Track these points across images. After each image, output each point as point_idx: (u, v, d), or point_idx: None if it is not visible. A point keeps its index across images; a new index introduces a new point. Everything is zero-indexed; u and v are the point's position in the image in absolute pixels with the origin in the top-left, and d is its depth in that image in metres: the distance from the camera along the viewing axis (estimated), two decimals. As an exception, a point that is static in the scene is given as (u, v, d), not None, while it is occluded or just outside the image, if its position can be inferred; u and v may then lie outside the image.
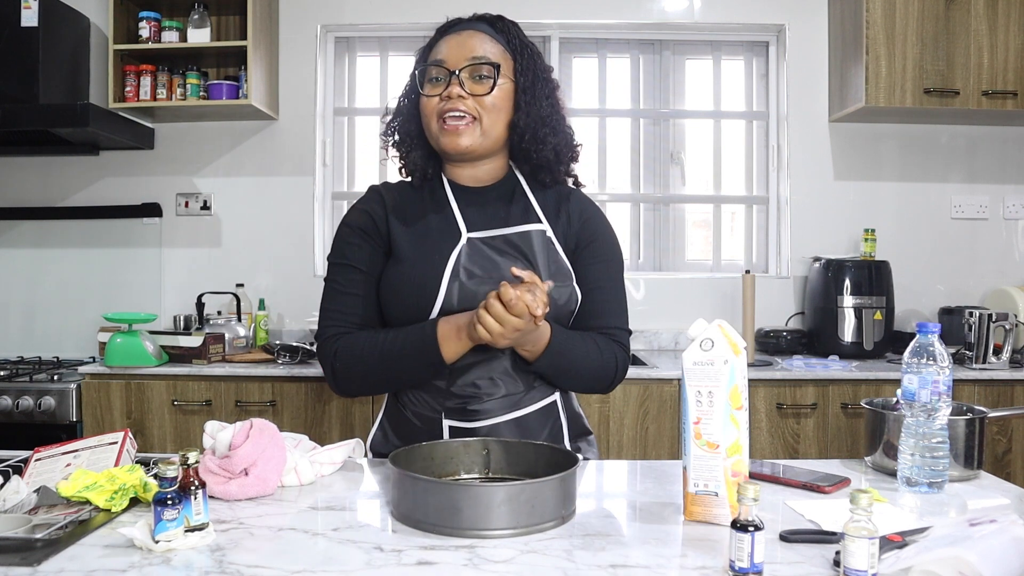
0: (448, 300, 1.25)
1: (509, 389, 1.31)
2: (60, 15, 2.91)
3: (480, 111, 1.29)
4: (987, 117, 3.02)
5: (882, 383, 2.52)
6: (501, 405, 1.30)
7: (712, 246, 3.33)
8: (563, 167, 1.40)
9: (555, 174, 1.39)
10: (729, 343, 1.04)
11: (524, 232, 1.32)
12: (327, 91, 3.28)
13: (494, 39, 1.33)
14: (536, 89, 1.33)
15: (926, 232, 3.18)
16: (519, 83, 1.33)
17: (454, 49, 1.30)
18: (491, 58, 1.30)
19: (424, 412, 1.33)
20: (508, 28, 1.36)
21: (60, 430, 2.54)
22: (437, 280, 1.25)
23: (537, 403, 1.34)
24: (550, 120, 1.35)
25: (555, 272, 1.31)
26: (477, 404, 1.30)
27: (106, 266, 3.20)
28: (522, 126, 1.33)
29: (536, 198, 1.38)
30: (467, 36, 1.32)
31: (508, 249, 1.31)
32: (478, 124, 1.30)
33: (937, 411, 1.16)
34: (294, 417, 2.54)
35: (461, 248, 1.29)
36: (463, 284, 1.26)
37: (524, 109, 1.32)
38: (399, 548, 0.93)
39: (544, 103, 1.34)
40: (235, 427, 1.17)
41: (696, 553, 0.93)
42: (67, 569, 0.86)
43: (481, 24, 1.35)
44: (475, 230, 1.31)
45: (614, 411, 2.51)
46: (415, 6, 3.16)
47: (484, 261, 1.29)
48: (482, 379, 1.29)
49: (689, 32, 3.26)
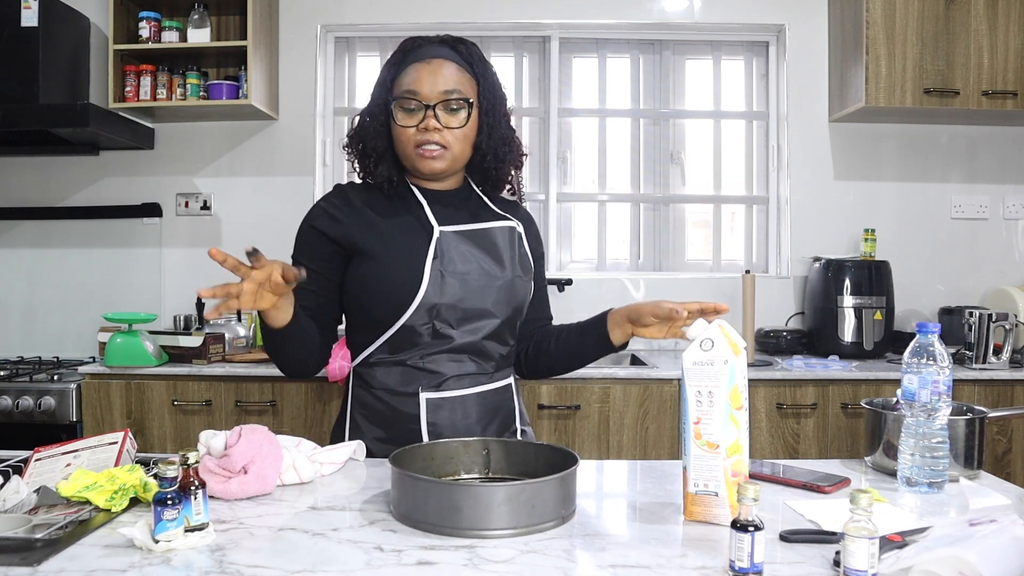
0: (431, 291, 1.34)
1: (479, 369, 1.43)
2: (60, 15, 2.91)
3: (452, 141, 1.38)
4: (987, 117, 3.01)
5: (882, 383, 2.52)
6: (471, 380, 1.42)
7: (712, 246, 3.33)
8: (510, 176, 1.52)
9: (500, 185, 1.51)
10: (729, 343, 1.04)
11: (494, 227, 1.45)
12: (327, 91, 3.28)
13: (461, 67, 1.40)
14: (496, 112, 1.43)
15: (926, 232, 3.18)
16: (482, 106, 1.42)
17: (426, 80, 1.36)
18: (463, 91, 1.38)
19: (397, 389, 1.40)
20: (471, 52, 1.44)
21: (60, 430, 2.54)
22: (419, 273, 1.35)
23: (499, 382, 1.47)
24: (508, 139, 1.46)
25: (522, 265, 1.46)
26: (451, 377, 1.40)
27: (106, 266, 3.20)
28: (484, 148, 1.43)
29: (492, 201, 1.51)
30: (437, 66, 1.38)
31: (479, 242, 1.42)
32: (450, 151, 1.39)
33: (937, 411, 1.16)
34: (294, 417, 2.54)
35: (436, 242, 1.37)
36: (443, 275, 1.36)
37: (486, 132, 1.42)
38: (399, 548, 0.93)
39: (503, 123, 1.45)
40: (226, 432, 1.18)
41: (696, 553, 0.93)
42: (67, 569, 0.86)
43: (446, 50, 1.41)
44: (445, 224, 1.41)
45: (614, 411, 2.51)
46: (415, 6, 3.16)
47: (460, 254, 1.39)
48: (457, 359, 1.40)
49: (689, 32, 3.26)
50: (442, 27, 3.12)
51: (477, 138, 1.42)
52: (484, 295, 1.39)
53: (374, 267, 1.37)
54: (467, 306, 1.37)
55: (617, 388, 2.51)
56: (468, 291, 1.37)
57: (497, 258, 1.42)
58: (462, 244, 1.40)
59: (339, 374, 2.49)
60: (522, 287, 1.45)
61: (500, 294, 1.40)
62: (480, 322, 1.39)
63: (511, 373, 1.52)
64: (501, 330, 1.42)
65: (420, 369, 1.40)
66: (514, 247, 1.46)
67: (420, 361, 1.39)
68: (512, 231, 1.47)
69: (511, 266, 1.43)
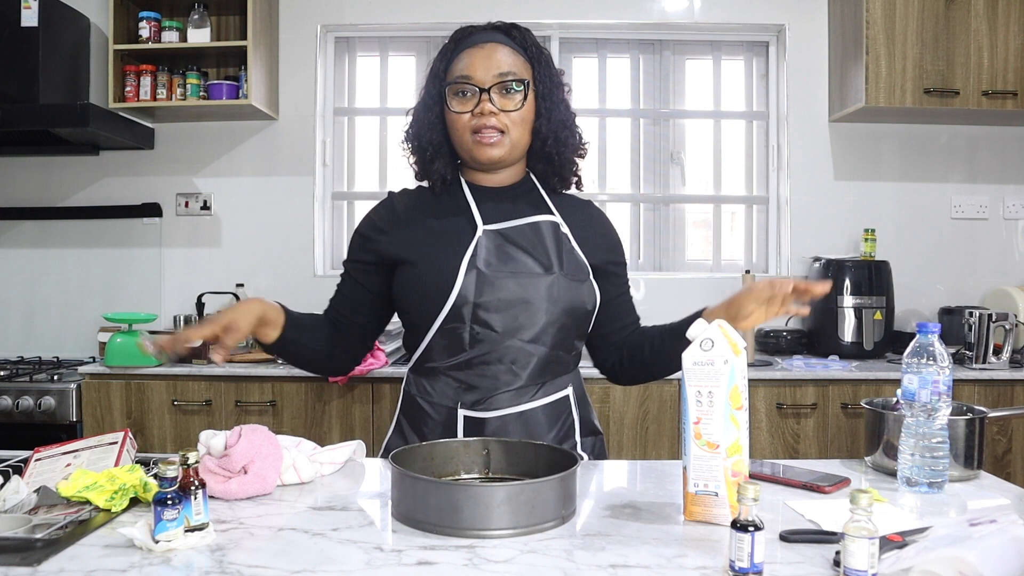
0: (464, 290, 1.29)
1: (523, 380, 1.34)
2: (60, 15, 2.91)
3: (509, 125, 1.34)
4: (987, 117, 3.01)
5: (882, 383, 2.52)
6: (514, 397, 1.34)
7: (712, 246, 3.33)
8: (575, 167, 1.45)
9: (566, 175, 1.44)
10: (729, 343, 1.04)
11: (535, 222, 1.37)
12: (327, 91, 3.28)
13: (514, 50, 1.37)
14: (554, 95, 1.38)
15: (926, 232, 3.18)
16: (539, 90, 1.37)
17: (480, 64, 1.33)
18: (518, 73, 1.34)
19: (442, 402, 1.36)
20: (524, 36, 1.40)
21: (60, 430, 2.54)
22: (454, 272, 1.30)
23: (550, 396, 1.37)
24: (568, 122, 1.40)
25: (566, 263, 1.35)
26: (492, 395, 1.33)
27: (106, 266, 3.20)
28: (544, 132, 1.37)
29: (550, 198, 1.43)
30: (490, 50, 1.34)
31: (521, 239, 1.35)
32: (508, 136, 1.34)
33: (937, 411, 1.16)
34: (294, 417, 2.54)
35: (478, 240, 1.33)
36: (481, 272, 1.30)
37: (545, 115, 1.37)
38: (399, 548, 0.93)
39: (561, 107, 1.40)
40: (226, 432, 1.18)
41: (696, 553, 0.93)
42: (67, 569, 0.86)
43: (499, 35, 1.38)
44: (490, 223, 1.35)
45: (614, 411, 2.51)
46: (415, 6, 3.16)
47: (500, 252, 1.33)
48: (498, 368, 1.33)
49: (689, 32, 3.26)
50: (442, 27, 3.13)
51: (536, 122, 1.37)
52: (528, 294, 1.30)
53: (410, 270, 1.34)
54: (507, 306, 1.30)
55: (617, 388, 2.51)
56: (509, 290, 1.30)
57: (542, 255, 1.34)
58: (505, 242, 1.34)
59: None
60: (573, 288, 1.34)
61: (544, 294, 1.31)
62: (523, 323, 1.31)
63: (568, 383, 1.41)
64: (548, 333, 1.33)
65: (459, 382, 1.34)
66: (560, 244, 1.36)
67: (461, 370, 1.34)
68: (556, 227, 1.37)
69: (557, 264, 1.34)
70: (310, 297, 3.11)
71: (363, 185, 3.33)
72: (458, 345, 1.32)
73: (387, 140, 3.31)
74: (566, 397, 1.40)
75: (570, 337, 1.38)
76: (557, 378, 1.39)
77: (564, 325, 1.34)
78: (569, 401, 1.41)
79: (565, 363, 1.40)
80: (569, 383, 1.42)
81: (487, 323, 1.30)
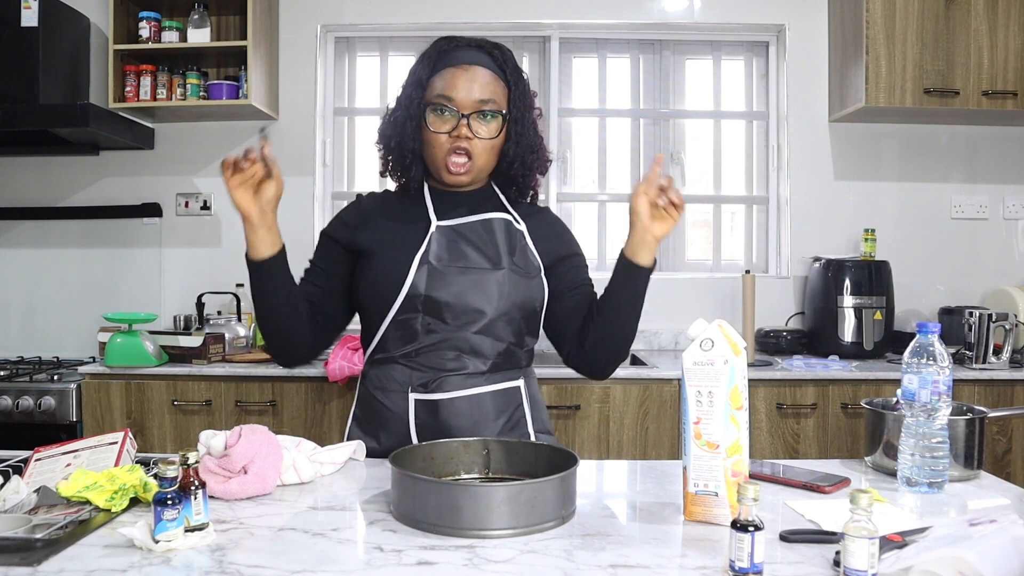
0: (416, 283, 1.35)
1: (474, 367, 1.39)
2: (60, 15, 2.91)
3: (480, 150, 1.39)
4: (987, 117, 3.01)
5: (882, 383, 2.52)
6: (463, 380, 1.39)
7: (712, 246, 3.33)
8: (535, 183, 1.51)
9: (525, 190, 1.50)
10: (729, 343, 1.04)
11: (488, 219, 1.43)
12: (327, 91, 3.28)
13: (495, 74, 1.40)
14: (525, 120, 1.43)
15: (926, 232, 3.18)
16: (512, 114, 1.41)
17: (462, 87, 1.37)
18: (496, 100, 1.38)
19: (395, 388, 1.41)
20: (505, 58, 1.43)
21: (60, 430, 2.54)
22: (407, 266, 1.36)
23: (500, 384, 1.42)
24: (535, 146, 1.45)
25: (516, 259, 1.41)
26: (443, 376, 1.38)
27: (106, 266, 3.20)
28: (511, 155, 1.42)
29: (508, 203, 1.49)
30: (473, 73, 1.38)
31: (471, 235, 1.41)
32: (474, 163, 1.39)
33: (937, 411, 1.16)
34: (294, 417, 2.54)
35: (431, 235, 1.39)
36: (432, 267, 1.36)
37: (514, 139, 1.42)
38: (399, 548, 0.93)
39: (531, 131, 1.44)
40: (226, 432, 1.18)
41: (696, 553, 0.93)
42: (67, 569, 0.86)
43: (481, 56, 1.41)
44: (444, 219, 1.41)
45: (614, 411, 2.51)
46: (415, 6, 3.16)
47: (452, 247, 1.39)
48: (449, 355, 1.38)
49: (689, 32, 3.26)
50: (442, 27, 3.13)
51: (505, 145, 1.42)
52: (476, 288, 1.37)
53: (368, 263, 1.41)
54: (456, 299, 1.36)
55: (617, 388, 2.51)
56: (458, 284, 1.36)
57: (492, 251, 1.40)
58: (457, 237, 1.40)
59: (339, 374, 2.50)
60: (522, 284, 1.40)
61: (494, 288, 1.37)
62: (471, 315, 1.37)
63: (520, 376, 1.46)
64: (496, 326, 1.38)
65: (412, 367, 1.39)
66: (513, 241, 1.42)
67: (413, 358, 1.39)
68: (508, 224, 1.44)
69: (507, 260, 1.40)
70: (310, 297, 3.13)
71: (363, 185, 3.33)
72: (411, 335, 1.38)
73: (387, 140, 3.30)
74: (516, 388, 1.45)
75: (520, 331, 1.43)
76: (508, 370, 1.44)
77: (513, 319, 1.40)
78: (520, 393, 1.45)
79: (516, 358, 1.45)
80: (521, 376, 1.46)
81: (438, 314, 1.37)
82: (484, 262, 1.39)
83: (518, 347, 1.44)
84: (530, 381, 1.50)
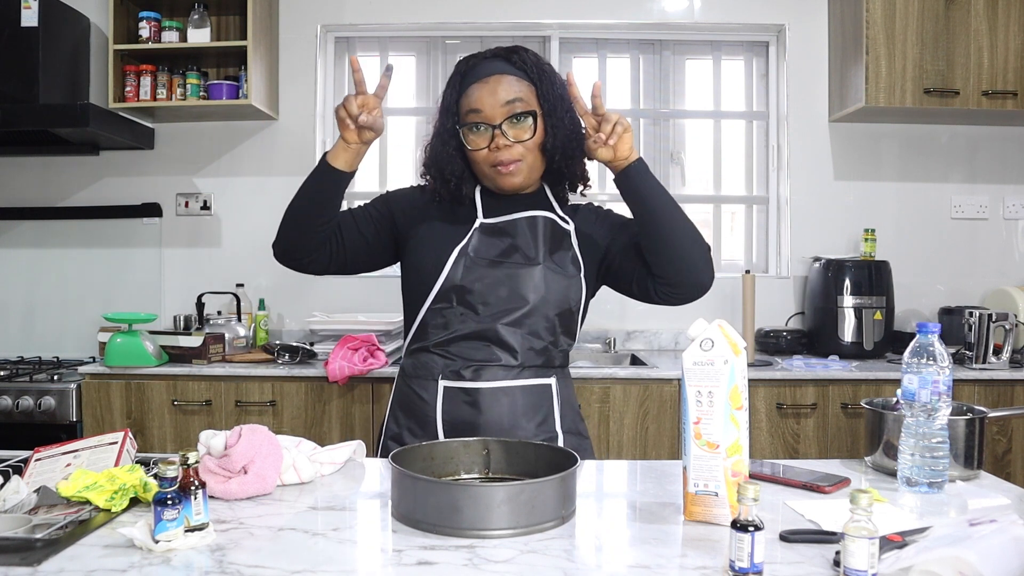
0: (452, 274, 1.40)
1: (505, 360, 1.42)
2: (60, 15, 2.91)
3: (524, 152, 1.41)
4: (987, 117, 3.01)
5: (882, 383, 2.52)
6: (495, 372, 1.42)
7: (712, 246, 3.33)
8: (582, 170, 1.50)
9: (575, 182, 1.51)
10: (729, 343, 1.04)
11: (532, 216, 1.46)
12: (327, 91, 3.28)
13: (518, 77, 1.42)
14: (558, 110, 1.43)
15: (926, 232, 3.18)
16: (544, 109, 1.42)
17: (487, 99, 1.39)
18: (524, 98, 1.40)
19: (423, 376, 1.46)
20: (524, 59, 1.44)
21: (60, 430, 2.54)
22: (446, 256, 1.42)
23: (531, 380, 1.44)
24: (573, 132, 1.44)
25: (557, 258, 1.44)
26: (472, 365, 1.42)
27: (106, 266, 3.20)
28: (551, 147, 1.43)
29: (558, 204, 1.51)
30: (495, 83, 1.40)
31: (514, 232, 1.45)
32: (524, 163, 1.42)
33: (937, 411, 1.16)
34: (294, 417, 2.54)
35: (474, 230, 1.44)
36: (469, 259, 1.42)
37: (551, 132, 1.43)
38: (399, 548, 0.93)
39: (566, 119, 1.43)
40: (226, 432, 1.18)
41: (696, 553, 0.93)
42: (67, 569, 0.86)
43: (500, 64, 1.43)
44: (489, 217, 1.46)
45: (614, 411, 2.51)
46: (415, 6, 3.16)
47: (491, 242, 1.44)
48: (479, 345, 1.42)
49: (689, 32, 3.26)
50: (442, 27, 3.14)
51: (544, 140, 1.43)
52: (509, 282, 1.41)
53: (411, 253, 1.47)
54: (489, 291, 1.40)
55: (617, 388, 2.51)
56: (492, 277, 1.41)
57: (530, 248, 1.44)
58: (498, 233, 1.44)
59: (339, 374, 2.50)
60: (558, 282, 1.43)
61: (527, 283, 1.41)
62: (503, 308, 1.41)
63: (553, 375, 1.47)
64: (528, 321, 1.41)
65: (444, 356, 1.44)
66: (556, 240, 1.46)
67: (445, 347, 1.43)
68: (554, 224, 1.47)
69: (545, 257, 1.44)
70: (311, 297, 3.13)
71: (363, 185, 3.33)
72: (445, 325, 1.43)
73: (387, 140, 3.31)
74: (548, 386, 1.46)
75: (554, 329, 1.45)
76: (540, 367, 1.46)
77: (546, 316, 1.43)
78: (551, 391, 1.46)
79: (549, 355, 1.46)
80: (553, 376, 1.48)
81: (470, 305, 1.41)
82: (520, 258, 1.43)
83: (553, 346, 1.46)
84: (564, 382, 1.51)
